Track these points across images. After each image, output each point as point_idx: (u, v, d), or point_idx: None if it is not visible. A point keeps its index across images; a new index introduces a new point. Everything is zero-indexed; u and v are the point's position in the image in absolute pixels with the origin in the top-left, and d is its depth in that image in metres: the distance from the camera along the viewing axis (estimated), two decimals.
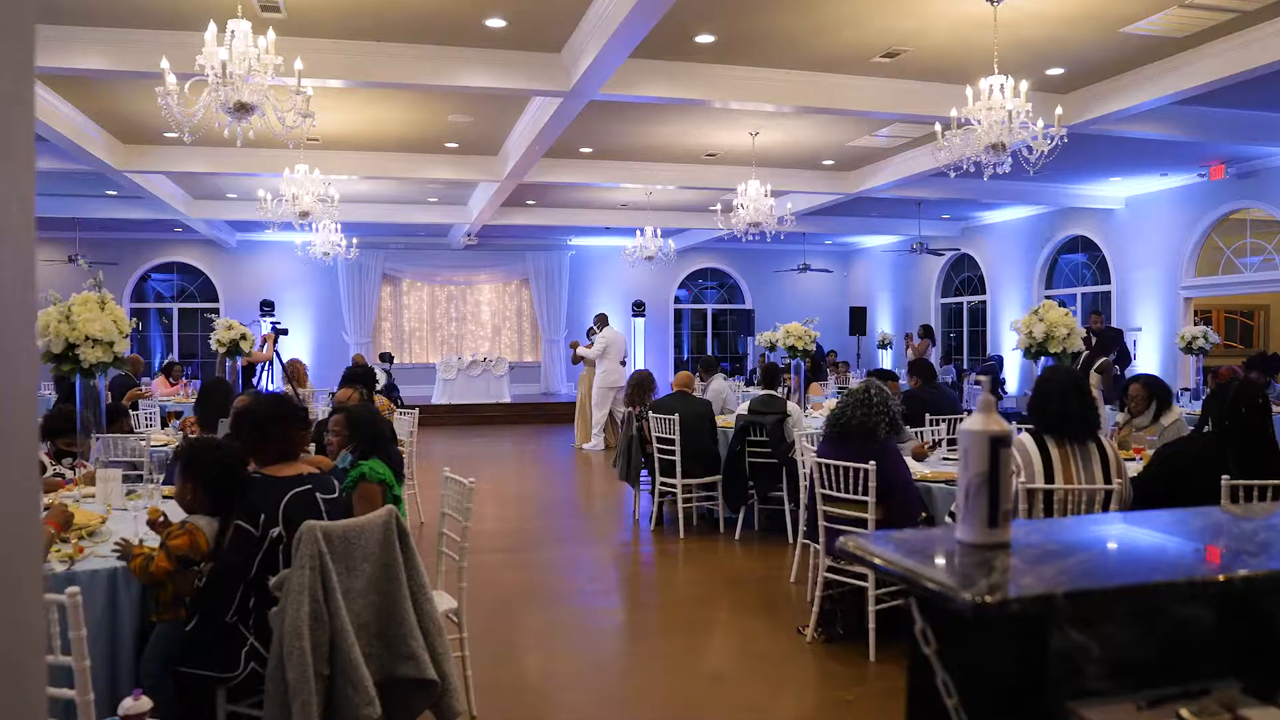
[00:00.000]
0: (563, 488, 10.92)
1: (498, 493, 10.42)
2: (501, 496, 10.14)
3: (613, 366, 13.57)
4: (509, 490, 10.67)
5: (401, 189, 14.89)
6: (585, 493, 10.48)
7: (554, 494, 10.25)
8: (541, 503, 9.56)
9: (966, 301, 19.57)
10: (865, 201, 16.02)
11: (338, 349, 19.87)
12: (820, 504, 4.86)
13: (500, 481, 11.32)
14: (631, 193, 15.32)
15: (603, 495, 9.97)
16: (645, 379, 8.57)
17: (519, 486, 10.95)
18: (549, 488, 10.81)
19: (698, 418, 7.78)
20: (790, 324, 8.97)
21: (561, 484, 11.23)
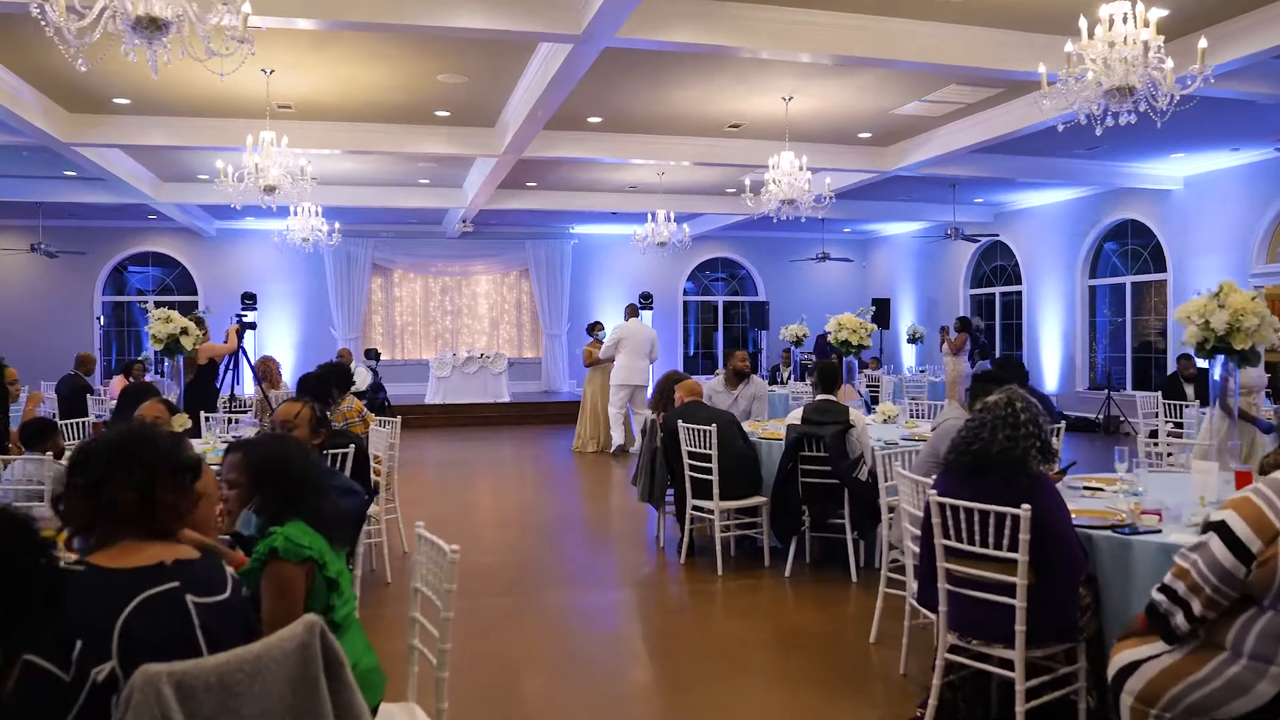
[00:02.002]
0: (571, 504, 9.57)
1: (496, 511, 9.09)
2: (500, 517, 8.81)
3: (628, 363, 12.24)
4: (508, 508, 9.34)
5: (389, 168, 13.53)
6: (598, 511, 9.14)
7: (561, 513, 8.90)
8: (547, 525, 8.22)
9: (999, 292, 18.22)
10: (895, 183, 14.68)
11: (325, 345, 18.52)
12: (942, 560, 3.51)
13: (499, 496, 9.98)
14: (641, 173, 13.97)
15: (619, 515, 8.63)
16: (676, 384, 7.22)
17: (520, 503, 9.61)
18: (555, 504, 9.47)
19: (728, 427, 6.44)
20: (843, 315, 7.62)
21: (569, 499, 9.89)
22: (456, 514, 8.75)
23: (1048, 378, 16.54)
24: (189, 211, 16.45)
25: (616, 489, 10.14)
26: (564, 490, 10.36)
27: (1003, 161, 12.95)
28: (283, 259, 18.92)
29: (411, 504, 9.06)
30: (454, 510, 8.94)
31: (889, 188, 15.26)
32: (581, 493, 10.24)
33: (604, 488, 10.45)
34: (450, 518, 8.53)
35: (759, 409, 7.93)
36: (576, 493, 10.25)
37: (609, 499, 9.59)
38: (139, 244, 18.62)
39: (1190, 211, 13.76)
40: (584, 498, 9.91)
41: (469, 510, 9.00)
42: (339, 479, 3.60)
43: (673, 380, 7.22)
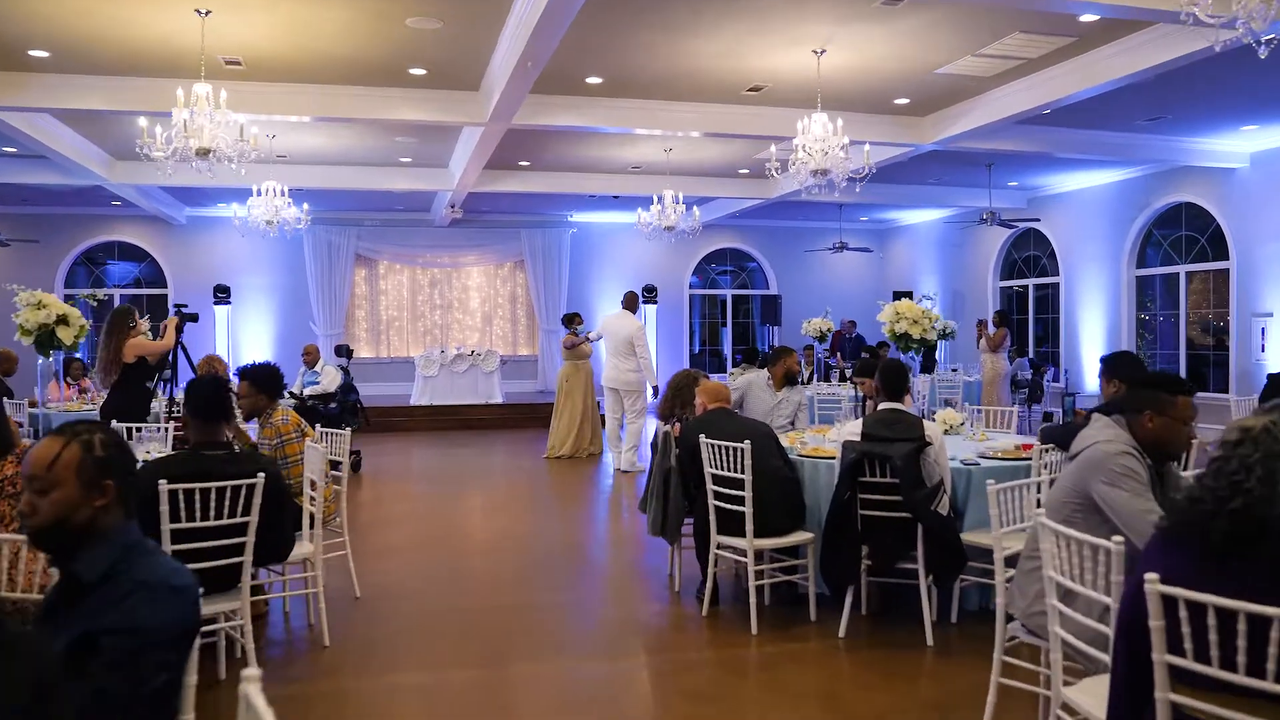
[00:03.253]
0: (570, 529, 8.16)
1: (477, 538, 7.69)
2: (482, 545, 7.42)
3: (607, 361, 10.93)
4: (492, 533, 7.94)
5: (365, 143, 12.13)
6: (600, 540, 7.70)
7: (557, 541, 7.49)
8: (538, 560, 6.81)
9: (1032, 284, 16.82)
10: (924, 164, 13.29)
11: (305, 341, 17.08)
12: (1165, 687, 2.11)
13: (483, 516, 8.58)
14: (646, 149, 12.56)
15: (626, 546, 7.21)
16: (690, 383, 5.84)
17: (507, 527, 8.21)
18: (550, 529, 8.06)
19: (765, 443, 5.06)
20: (901, 302, 6.18)
21: (567, 522, 8.49)
22: (429, 542, 7.35)
23: (1088, 377, 15.13)
24: (152, 196, 15.05)
25: (623, 510, 8.75)
26: (561, 510, 8.96)
27: (1049, 135, 11.55)
28: (259, 249, 17.56)
29: (378, 528, 7.68)
30: (427, 536, 7.55)
31: (917, 168, 13.87)
32: (582, 514, 8.84)
33: (608, 507, 9.06)
34: (421, 547, 7.13)
35: (802, 420, 6.55)
36: (576, 513, 8.84)
37: (614, 523, 8.19)
38: (102, 233, 17.22)
39: (1257, 193, 12.35)
40: (584, 521, 8.49)
41: (445, 537, 7.60)
42: (143, 584, 2.12)
43: (689, 381, 5.84)
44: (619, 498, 9.40)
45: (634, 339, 10.64)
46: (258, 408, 5.25)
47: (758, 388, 6.80)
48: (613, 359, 10.74)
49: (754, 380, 6.95)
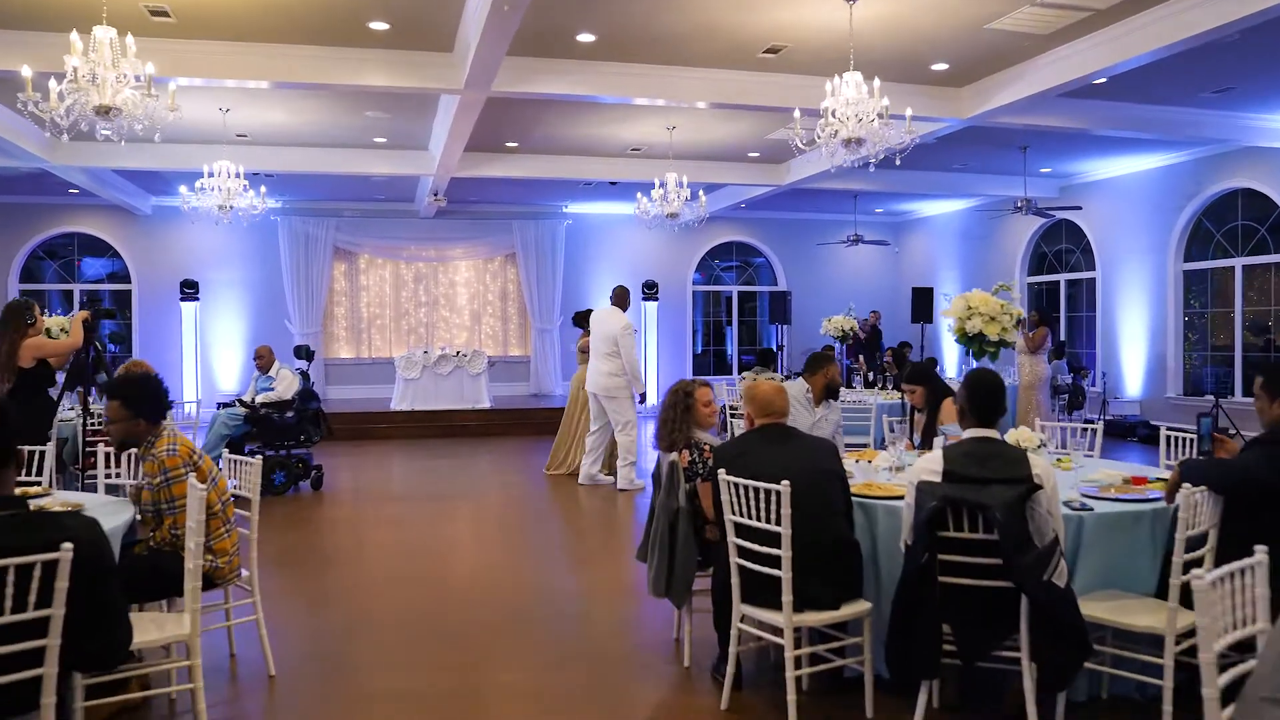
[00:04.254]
0: (557, 570, 6.87)
1: (455, 581, 6.38)
2: (459, 591, 6.12)
3: (590, 363, 9.60)
4: (470, 574, 6.65)
5: (333, 121, 10.84)
6: (595, 586, 6.33)
7: (542, 587, 6.17)
8: (517, 614, 5.51)
9: (1064, 280, 15.53)
10: (954, 146, 12.04)
11: (279, 341, 15.81)
12: None
13: (457, 552, 7.28)
14: (647, 127, 11.28)
15: (626, 598, 5.88)
16: (683, 399, 4.53)
17: (488, 566, 6.93)
18: (534, 568, 6.76)
19: (823, 485, 3.79)
20: (974, 294, 4.85)
21: (556, 559, 7.18)
22: (385, 588, 6.06)
23: (1129, 382, 13.86)
24: (108, 182, 13.77)
25: (627, 541, 7.47)
26: (550, 543, 7.65)
27: (1096, 109, 10.29)
28: (230, 242, 16.32)
29: (321, 569, 6.39)
30: (383, 580, 6.25)
31: (943, 152, 12.63)
32: (575, 548, 7.52)
33: (609, 540, 7.77)
34: (373, 596, 5.84)
35: (839, 442, 5.29)
36: (569, 547, 7.53)
37: (613, 563, 6.88)
38: (58, 224, 15.92)
39: None
40: (578, 558, 7.16)
41: (405, 581, 6.30)
42: None
43: (683, 396, 4.53)
44: (619, 526, 8.12)
45: (618, 338, 9.29)
46: (134, 434, 3.97)
47: (795, 403, 5.55)
48: (595, 360, 9.42)
49: (793, 391, 5.68)
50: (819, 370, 5.83)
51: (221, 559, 4.07)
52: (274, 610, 5.40)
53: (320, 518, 8.29)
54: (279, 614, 5.25)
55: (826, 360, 5.91)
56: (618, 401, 9.35)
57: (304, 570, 6.48)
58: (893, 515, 3.92)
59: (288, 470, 9.08)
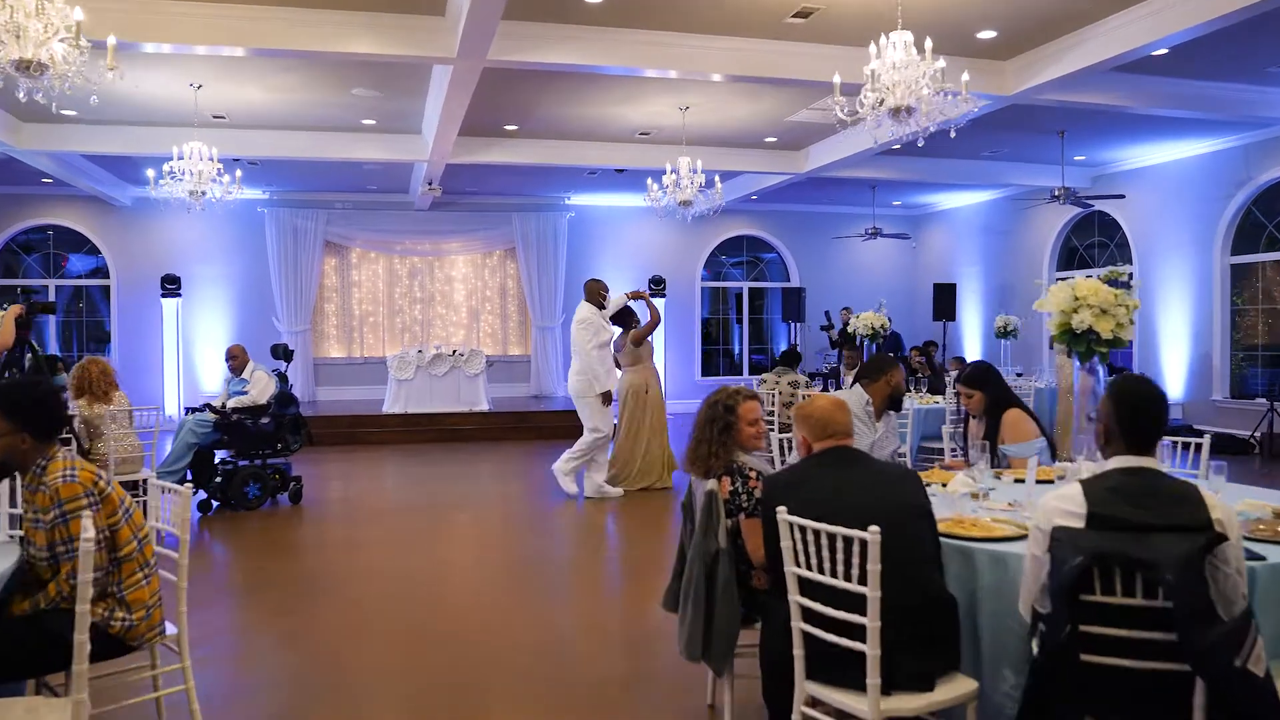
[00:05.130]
0: (570, 605, 5.98)
1: (443, 624, 5.50)
2: (444, 636, 5.24)
3: (578, 365, 8.81)
4: (460, 614, 5.77)
5: (318, 100, 9.96)
6: (617, 635, 5.49)
7: (556, 635, 5.31)
8: (528, 676, 4.67)
9: (1098, 275, 14.59)
10: (985, 131, 11.19)
11: (267, 339, 14.95)
12: None
13: (465, 582, 6.40)
14: (657, 109, 10.41)
15: (655, 644, 5.03)
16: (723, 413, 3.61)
17: (488, 596, 6.05)
18: (546, 606, 5.86)
19: (906, 521, 2.91)
20: (1082, 281, 3.93)
21: (568, 592, 6.30)
22: (368, 628, 5.18)
23: (1170, 383, 12.98)
24: (81, 170, 12.89)
25: (646, 574, 6.60)
26: (559, 572, 6.76)
27: (1152, 86, 9.44)
28: (215, 235, 15.49)
29: (298, 604, 5.52)
30: (367, 617, 5.38)
31: (973, 138, 11.77)
32: (589, 580, 6.62)
33: (627, 569, 6.88)
34: (353, 639, 4.96)
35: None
36: (580, 578, 6.65)
37: (633, 599, 6.00)
38: (32, 215, 15.05)
39: None
40: (591, 594, 6.24)
41: (390, 620, 5.43)
42: None
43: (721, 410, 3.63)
44: (637, 550, 7.25)
45: (580, 333, 8.66)
46: (16, 455, 3.08)
47: (853, 419, 4.68)
48: (574, 359, 8.77)
49: (852, 402, 4.79)
50: (881, 376, 4.92)
51: (137, 613, 3.19)
52: (226, 663, 4.53)
53: (296, 539, 7.42)
54: (232, 668, 4.38)
55: (890, 363, 5.00)
56: (585, 403, 8.65)
57: (270, 605, 5.61)
58: (1001, 566, 3.04)
59: (263, 482, 8.21)
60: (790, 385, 8.92)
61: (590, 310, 8.77)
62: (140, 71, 8.75)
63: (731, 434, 3.53)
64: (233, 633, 5.10)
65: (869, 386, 4.95)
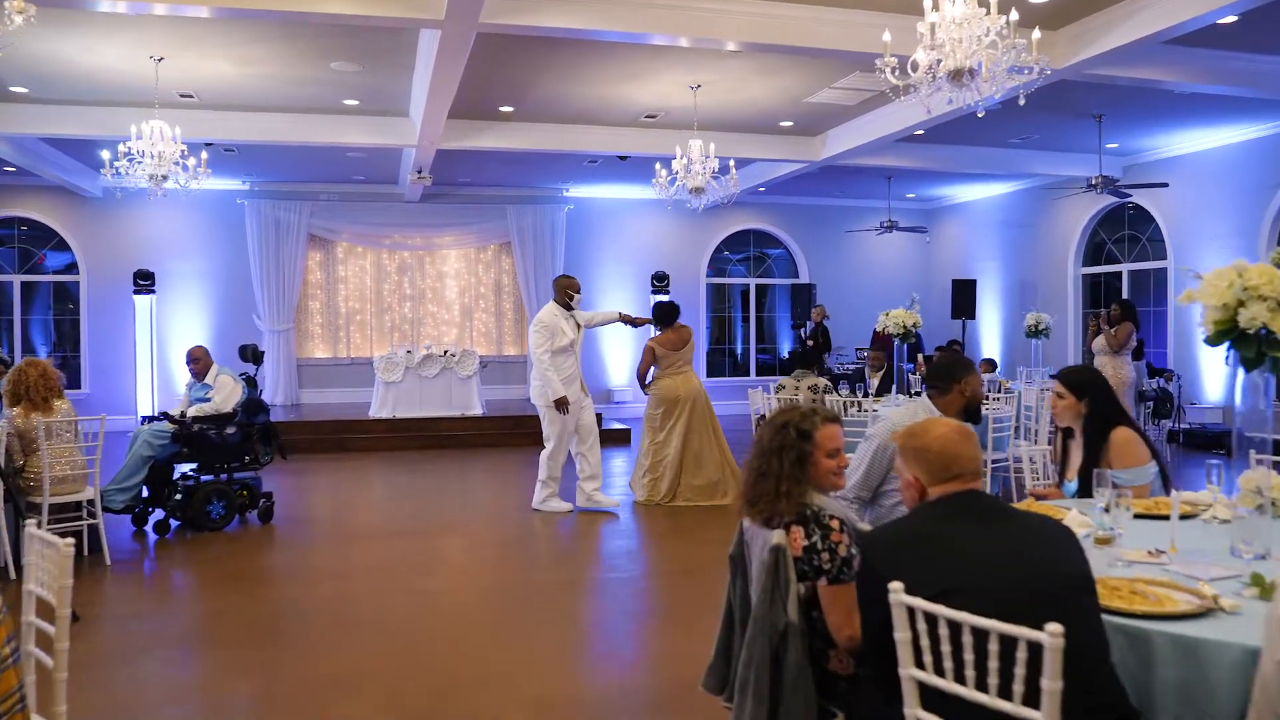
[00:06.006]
0: (582, 662, 5.09)
1: (438, 683, 4.62)
2: (450, 703, 4.37)
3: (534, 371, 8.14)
4: (463, 661, 4.89)
5: (294, 76, 9.07)
6: (645, 706, 4.62)
7: (565, 709, 4.46)
8: None
9: (1127, 270, 13.80)
10: (1017, 113, 10.23)
11: (249, 339, 14.06)
12: None
13: (455, 626, 5.51)
14: (665, 88, 9.54)
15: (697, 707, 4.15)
16: (803, 439, 2.73)
17: (483, 645, 5.17)
18: (551, 661, 4.97)
19: (1070, 598, 2.04)
20: (1257, 266, 3.19)
21: (578, 641, 5.42)
22: (336, 694, 4.31)
23: (1208, 386, 12.16)
24: (44, 157, 11.99)
25: (687, 624, 5.73)
26: (565, 616, 5.88)
27: (1210, 61, 8.60)
28: (192, 228, 14.64)
29: (255, 656, 4.63)
30: (337, 676, 4.50)
31: (1003, 122, 10.98)
32: (603, 625, 5.73)
33: (661, 616, 6.00)
34: (317, 709, 4.09)
35: None
36: (593, 623, 5.77)
37: (669, 656, 5.12)
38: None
39: None
40: (607, 644, 5.37)
41: (365, 682, 4.56)
42: None
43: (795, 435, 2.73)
44: (658, 581, 6.39)
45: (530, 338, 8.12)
46: None
47: None
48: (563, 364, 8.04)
49: (918, 411, 3.94)
50: (953, 383, 4.05)
51: None
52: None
53: (262, 566, 6.53)
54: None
55: (964, 367, 4.13)
56: (544, 411, 8.04)
57: (223, 661, 4.73)
58: (1189, 657, 2.18)
59: (228, 500, 7.32)
60: (811, 391, 8.06)
61: (552, 312, 8.07)
62: (94, 41, 7.87)
63: (806, 468, 2.66)
64: (173, 703, 4.22)
65: (939, 398, 4.09)
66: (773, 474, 2.63)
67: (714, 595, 5.19)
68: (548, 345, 7.93)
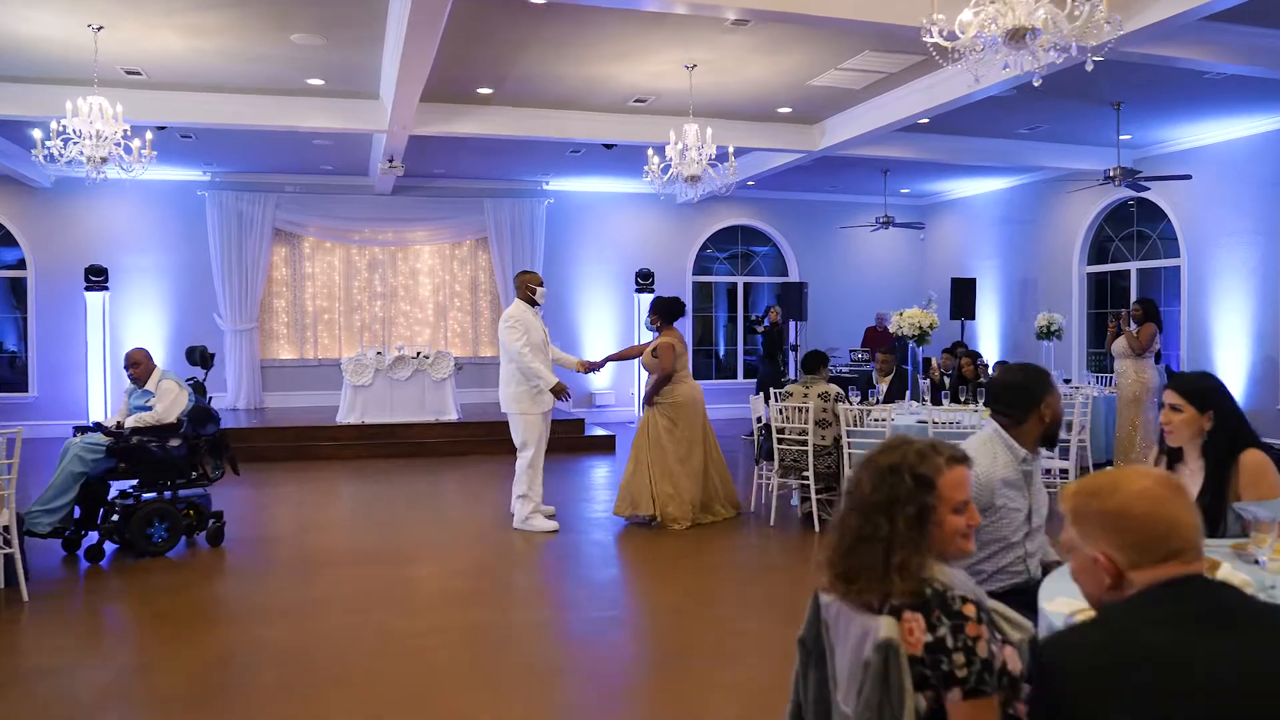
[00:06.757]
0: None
1: None
2: None
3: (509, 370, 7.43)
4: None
5: (252, 53, 8.24)
6: None
7: None
8: None
9: (1135, 269, 13.16)
10: (1032, 101, 9.72)
11: (210, 340, 13.21)
12: None
13: (427, 683, 4.71)
14: (658, 66, 8.79)
15: None
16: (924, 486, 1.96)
17: (472, 705, 4.41)
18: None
19: None
20: None
21: (588, 697, 4.66)
22: None
23: (1235, 388, 11.50)
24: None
25: (707, 673, 4.96)
26: (564, 667, 5.12)
27: (1249, 39, 7.94)
28: (148, 220, 13.77)
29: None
30: None
31: (1016, 111, 10.36)
32: (617, 675, 4.96)
33: (669, 662, 5.24)
34: None
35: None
36: (602, 672, 5.00)
37: (683, 711, 4.36)
38: None
39: None
40: (620, 699, 4.64)
41: None
42: None
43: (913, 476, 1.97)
44: (668, 623, 5.63)
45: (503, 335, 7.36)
46: None
47: (1004, 464, 3.08)
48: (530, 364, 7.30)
49: (994, 448, 3.17)
50: (1031, 407, 3.24)
51: None
52: None
53: (205, 602, 5.71)
54: None
55: (1042, 382, 3.30)
56: (515, 418, 7.37)
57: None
58: None
59: (172, 521, 6.49)
60: (822, 399, 7.31)
61: (520, 308, 7.40)
62: (24, 6, 7.02)
63: (926, 529, 1.90)
64: None
65: (1014, 428, 3.28)
66: (881, 538, 1.87)
67: (725, 636, 4.42)
68: (524, 339, 7.22)
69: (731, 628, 5.07)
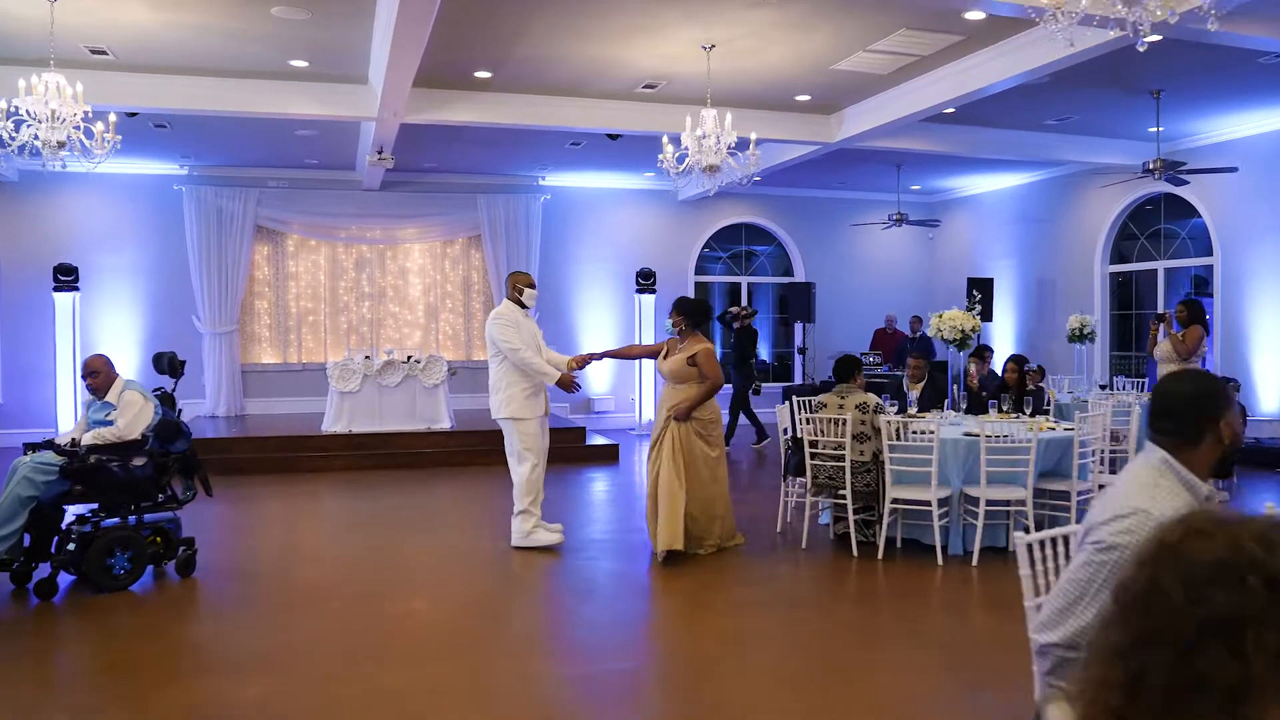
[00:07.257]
0: None
1: None
2: None
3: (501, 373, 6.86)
4: None
5: (230, 29, 7.50)
6: None
7: None
8: None
9: (1163, 268, 12.54)
10: (1066, 89, 9.11)
11: (186, 342, 12.48)
12: None
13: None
14: (673, 47, 8.09)
15: None
16: (1275, 581, 1.29)
17: None
18: None
19: None
20: None
21: None
22: None
23: (1263, 395, 10.92)
24: None
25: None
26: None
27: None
28: (122, 216, 13.03)
29: None
30: None
31: (1048, 100, 9.72)
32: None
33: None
34: None
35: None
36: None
37: None
38: None
39: None
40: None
41: None
42: None
43: (1262, 579, 1.19)
44: (703, 676, 4.93)
45: (492, 336, 6.79)
46: None
47: (1186, 507, 2.38)
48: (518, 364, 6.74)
49: (1170, 484, 2.47)
50: (1205, 426, 2.55)
51: None
52: None
53: (169, 650, 4.95)
54: None
55: (1221, 399, 2.61)
56: (510, 426, 6.79)
57: None
58: None
59: (136, 550, 5.75)
60: (860, 410, 6.63)
61: (509, 307, 6.89)
62: None
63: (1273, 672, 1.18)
64: None
65: (1188, 450, 2.57)
66: (1220, 685, 1.13)
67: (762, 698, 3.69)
68: (516, 339, 6.61)
69: (788, 681, 4.37)
